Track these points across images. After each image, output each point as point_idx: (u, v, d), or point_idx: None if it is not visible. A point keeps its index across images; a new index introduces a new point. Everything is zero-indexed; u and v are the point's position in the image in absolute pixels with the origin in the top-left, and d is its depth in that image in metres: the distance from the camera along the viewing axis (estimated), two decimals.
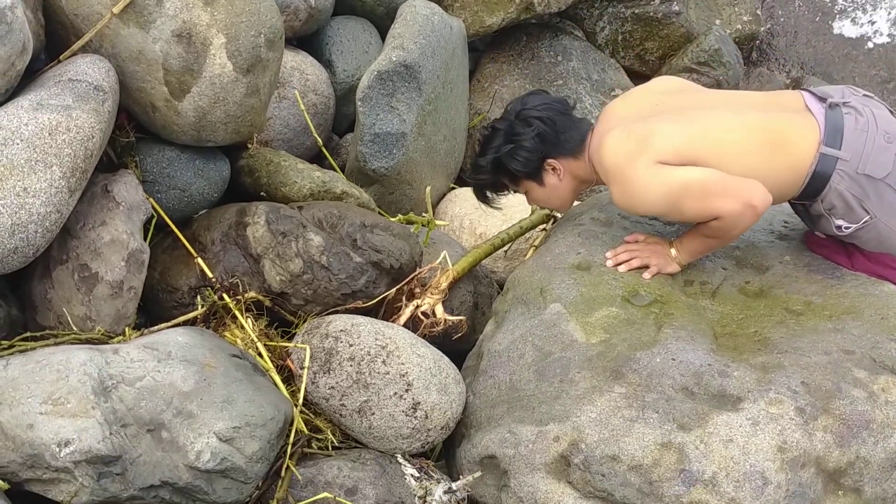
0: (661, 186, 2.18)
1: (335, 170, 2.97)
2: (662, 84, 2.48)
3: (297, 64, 3.03)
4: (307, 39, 3.23)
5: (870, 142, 2.17)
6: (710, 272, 2.43)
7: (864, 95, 2.29)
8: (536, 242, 2.90)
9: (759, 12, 4.35)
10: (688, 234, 2.37)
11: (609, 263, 2.39)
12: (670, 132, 2.20)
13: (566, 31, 3.97)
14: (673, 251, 2.38)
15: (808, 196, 2.24)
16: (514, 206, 3.28)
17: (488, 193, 2.53)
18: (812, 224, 2.38)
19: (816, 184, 2.20)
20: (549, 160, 2.37)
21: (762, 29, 4.47)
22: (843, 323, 2.18)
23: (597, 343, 2.18)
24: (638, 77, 4.11)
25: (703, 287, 2.40)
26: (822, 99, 2.25)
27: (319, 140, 3.00)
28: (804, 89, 2.33)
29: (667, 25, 4.05)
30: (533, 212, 2.91)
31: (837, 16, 4.86)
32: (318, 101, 3.06)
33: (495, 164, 2.40)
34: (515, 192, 2.54)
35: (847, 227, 2.24)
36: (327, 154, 3.01)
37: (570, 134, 2.35)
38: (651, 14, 4.05)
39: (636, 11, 4.05)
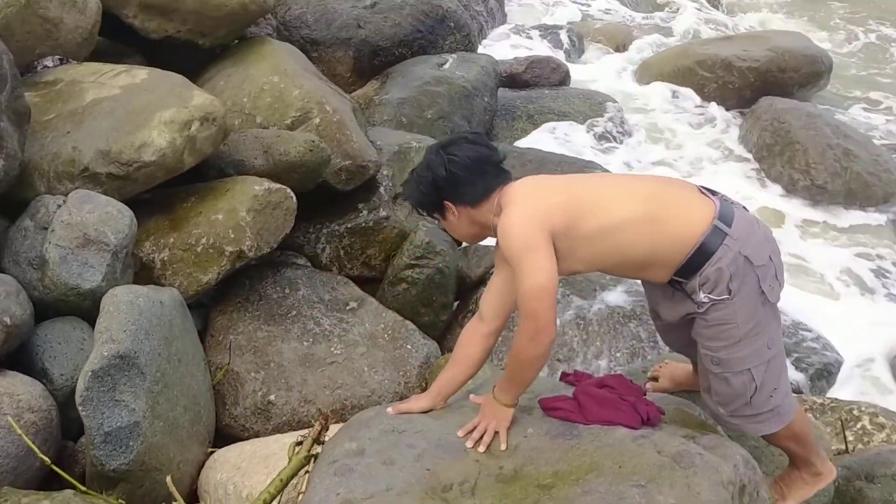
0: (526, 252, 2.37)
1: (72, 484, 2.77)
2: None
3: (6, 388, 2.86)
4: (14, 355, 3.07)
5: (754, 233, 2.42)
6: (465, 469, 2.47)
7: (743, 208, 2.55)
8: (303, 488, 2.82)
9: None
10: (499, 380, 2.57)
11: (468, 445, 2.50)
12: (564, 198, 2.47)
13: (288, 262, 4.08)
14: (494, 398, 2.54)
15: (687, 271, 2.40)
16: (277, 454, 3.20)
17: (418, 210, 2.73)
18: (670, 308, 2.56)
19: (700, 256, 2.37)
20: (446, 202, 2.56)
21: None
22: (588, 484, 2.28)
23: None
24: (371, 283, 4.27)
25: (461, 488, 2.42)
26: (713, 192, 2.52)
27: (47, 459, 2.81)
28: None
29: (380, 231, 4.29)
30: (290, 459, 2.85)
31: None
32: (38, 418, 2.88)
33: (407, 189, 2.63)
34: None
35: (707, 299, 2.39)
36: (59, 471, 2.81)
37: (470, 188, 2.53)
38: (363, 224, 4.28)
39: (349, 226, 4.27)
